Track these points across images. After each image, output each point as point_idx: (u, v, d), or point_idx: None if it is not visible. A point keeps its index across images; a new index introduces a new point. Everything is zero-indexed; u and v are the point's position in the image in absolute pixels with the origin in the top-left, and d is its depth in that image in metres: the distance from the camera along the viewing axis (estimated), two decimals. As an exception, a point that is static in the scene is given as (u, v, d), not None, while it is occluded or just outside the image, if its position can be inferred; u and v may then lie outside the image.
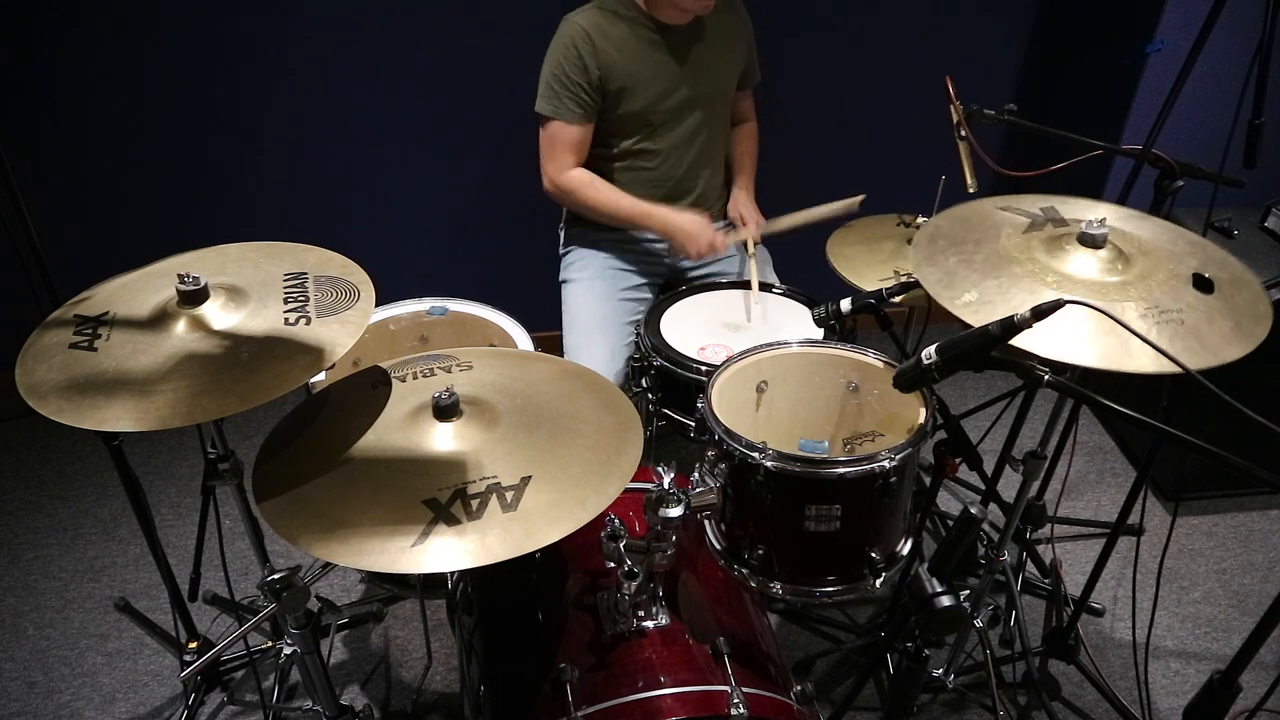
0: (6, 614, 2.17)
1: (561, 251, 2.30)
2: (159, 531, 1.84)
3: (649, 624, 1.34)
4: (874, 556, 1.36)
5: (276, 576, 1.19)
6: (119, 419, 1.09)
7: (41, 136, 2.50)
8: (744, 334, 1.90)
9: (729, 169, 2.32)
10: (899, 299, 1.61)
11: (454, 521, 1.06)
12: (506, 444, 1.19)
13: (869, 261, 2.02)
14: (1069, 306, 1.00)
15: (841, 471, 1.29)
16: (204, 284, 1.25)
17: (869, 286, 1.69)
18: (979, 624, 1.75)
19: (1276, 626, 0.98)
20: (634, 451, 1.20)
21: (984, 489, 2.02)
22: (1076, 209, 1.43)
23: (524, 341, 1.90)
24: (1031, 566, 2.28)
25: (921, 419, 1.36)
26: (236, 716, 1.94)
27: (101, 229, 2.66)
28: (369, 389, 1.32)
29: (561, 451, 1.18)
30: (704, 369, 1.74)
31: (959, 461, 1.36)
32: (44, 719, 1.93)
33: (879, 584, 1.38)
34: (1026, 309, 1.01)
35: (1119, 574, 2.29)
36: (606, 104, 2.02)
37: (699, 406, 1.42)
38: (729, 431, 1.34)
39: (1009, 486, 2.18)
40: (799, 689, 1.36)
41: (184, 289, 1.24)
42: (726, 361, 1.51)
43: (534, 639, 1.42)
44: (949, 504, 2.52)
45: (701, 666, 1.29)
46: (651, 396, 1.83)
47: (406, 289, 1.98)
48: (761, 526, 1.37)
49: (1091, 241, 1.29)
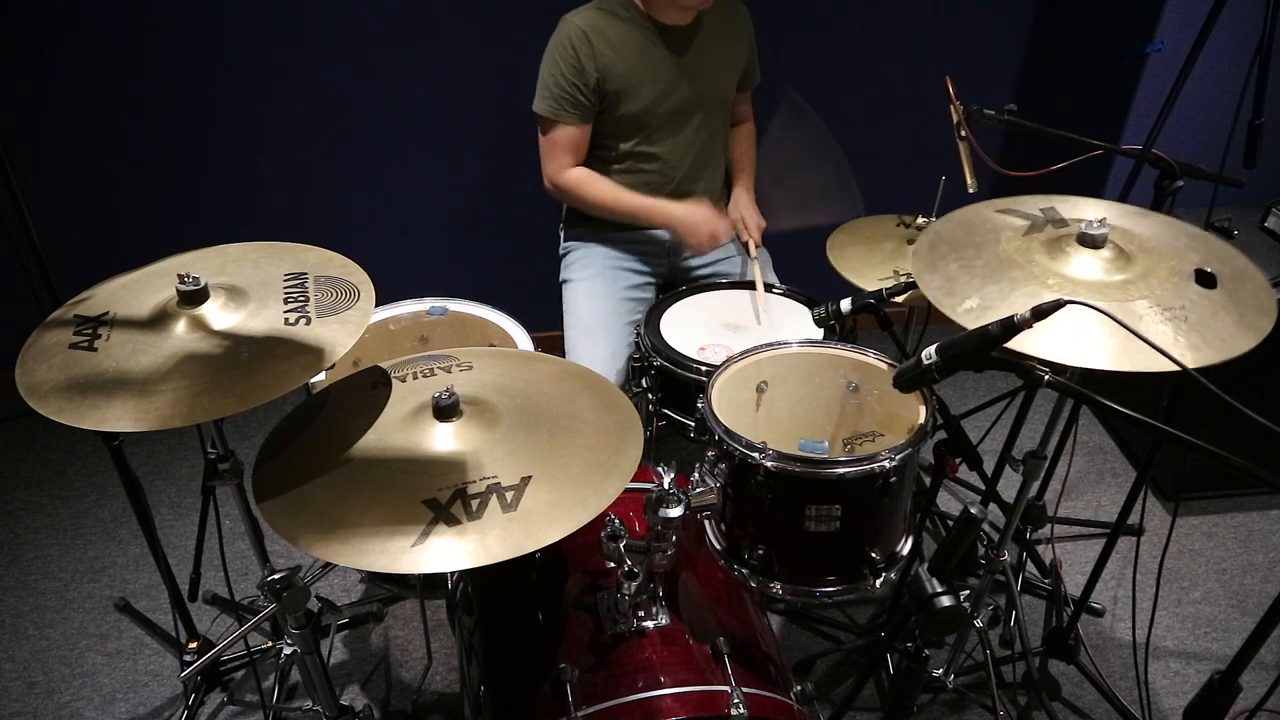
0: (6, 614, 2.17)
1: (562, 251, 2.30)
2: (159, 531, 1.84)
3: (649, 624, 1.34)
4: (874, 556, 1.36)
5: (276, 576, 1.19)
6: (119, 419, 1.09)
7: (41, 136, 2.50)
8: (744, 334, 1.90)
9: (729, 170, 2.32)
10: (899, 299, 1.61)
11: (454, 521, 1.06)
12: (506, 444, 1.19)
13: (869, 261, 2.02)
14: (1072, 308, 1.00)
15: (841, 471, 1.29)
16: (204, 284, 1.25)
17: (869, 286, 1.69)
18: (979, 624, 1.74)
19: (1276, 626, 0.98)
20: (634, 451, 1.20)
21: (984, 489, 2.02)
22: (1075, 208, 1.43)
23: (524, 341, 1.89)
24: (1031, 566, 2.27)
25: (921, 419, 1.36)
26: (236, 716, 1.94)
27: (101, 229, 2.66)
28: (369, 389, 1.31)
29: (561, 451, 1.18)
30: (704, 369, 1.73)
31: (959, 461, 1.35)
32: (44, 719, 1.93)
33: (879, 584, 1.38)
34: (1027, 310, 1.01)
35: (1119, 574, 2.29)
36: (605, 105, 2.02)
37: (699, 406, 1.42)
38: (729, 431, 1.34)
39: (1009, 486, 2.18)
40: (799, 689, 1.35)
41: (184, 289, 1.24)
42: (726, 361, 1.51)
43: (534, 639, 1.42)
44: (949, 504, 2.52)
45: (701, 666, 1.29)
46: (651, 396, 1.83)
47: (406, 289, 1.98)
48: (761, 526, 1.37)
49: (1091, 242, 1.29)
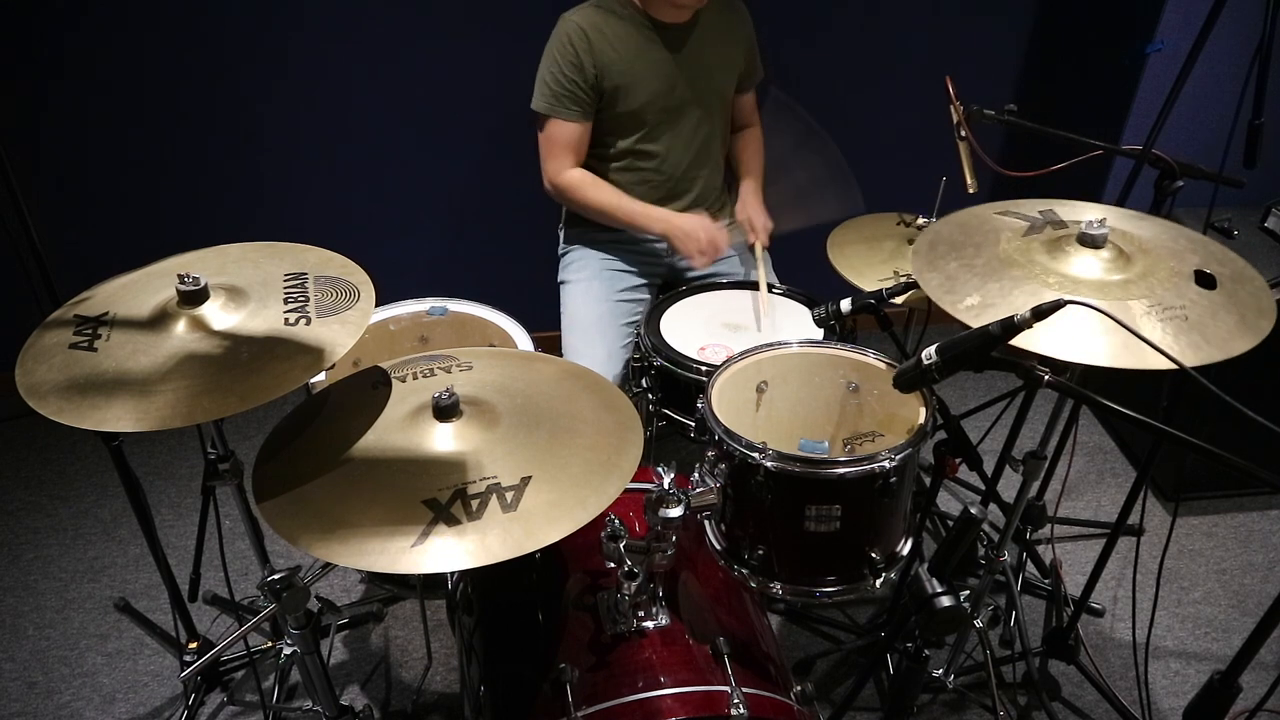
0: (6, 614, 2.17)
1: (560, 252, 2.30)
2: (159, 531, 1.84)
3: (649, 624, 1.34)
4: (874, 556, 1.36)
5: (276, 576, 1.19)
6: (119, 419, 1.09)
7: (41, 136, 2.50)
8: (744, 334, 1.90)
9: (729, 169, 2.32)
10: (899, 299, 1.61)
11: (454, 522, 1.06)
12: (506, 444, 1.19)
13: (869, 261, 2.02)
14: (1073, 308, 1.00)
15: (841, 472, 1.29)
16: (204, 284, 1.25)
17: (869, 286, 1.69)
18: (979, 624, 1.75)
19: (1276, 626, 0.98)
20: (634, 451, 1.20)
21: (984, 489, 2.02)
22: (1074, 211, 1.43)
23: (524, 341, 1.89)
24: (1031, 566, 2.28)
25: (921, 419, 1.36)
26: (236, 717, 1.94)
27: (101, 229, 2.66)
28: (369, 389, 1.31)
29: (561, 451, 1.18)
30: (704, 369, 1.73)
31: (959, 461, 1.35)
32: (44, 719, 1.93)
33: (879, 584, 1.38)
34: (1027, 309, 1.01)
35: (1119, 574, 2.29)
36: (603, 103, 2.02)
37: (699, 407, 1.42)
38: (729, 432, 1.34)
39: (1009, 486, 2.18)
40: (799, 689, 1.35)
41: (184, 289, 1.23)
42: (726, 362, 1.51)
43: (534, 639, 1.42)
44: (949, 504, 2.52)
45: (701, 667, 1.29)
46: (651, 397, 1.83)
47: (406, 289, 1.98)
48: (761, 526, 1.37)
49: (1091, 242, 1.29)
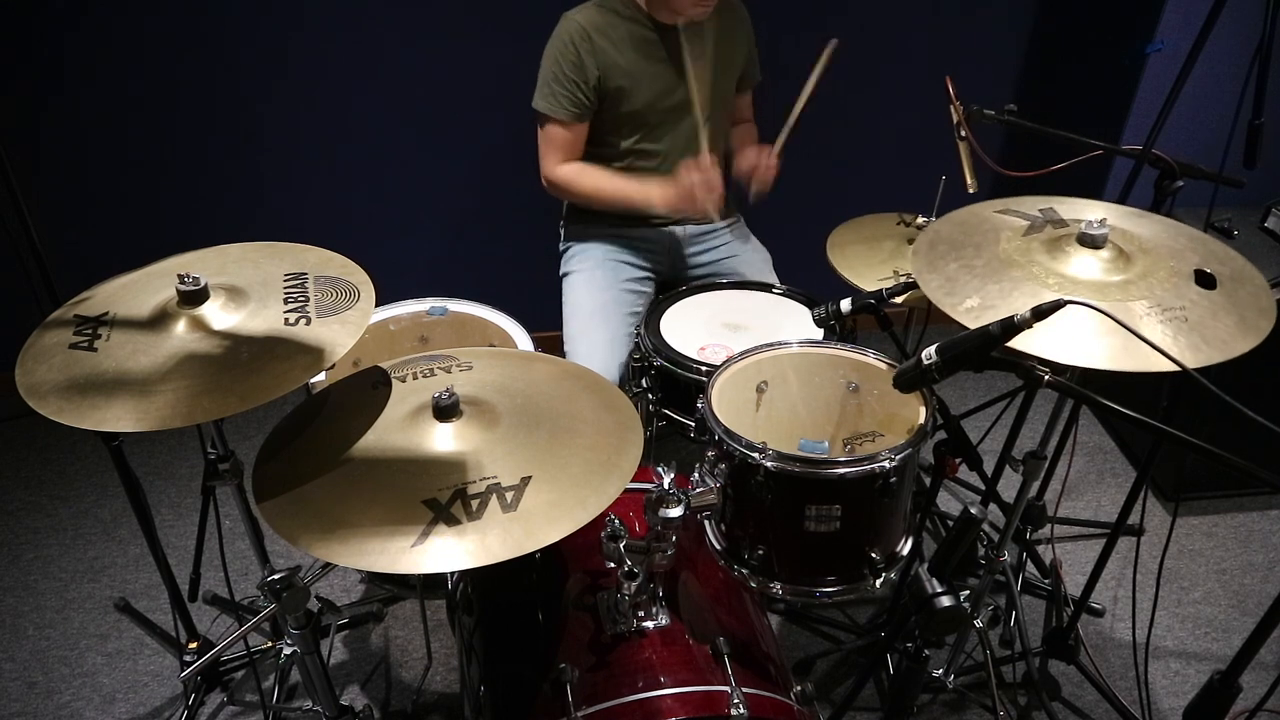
0: (6, 614, 2.17)
1: (562, 247, 2.30)
2: (159, 531, 1.84)
3: (649, 624, 1.34)
4: (874, 556, 1.36)
5: (276, 576, 1.19)
6: (119, 419, 1.09)
7: (41, 137, 2.50)
8: (744, 334, 1.90)
9: (729, 168, 2.31)
10: (899, 299, 1.61)
11: (454, 522, 1.06)
12: (506, 444, 1.19)
13: (869, 261, 2.02)
14: (1072, 308, 1.00)
15: (841, 472, 1.29)
16: (204, 284, 1.25)
17: (869, 286, 1.69)
18: (979, 624, 1.75)
19: (1276, 626, 0.97)
20: (634, 451, 1.20)
21: (984, 489, 2.02)
22: (1075, 209, 1.43)
23: (524, 341, 1.89)
24: (1031, 566, 2.27)
25: (921, 419, 1.36)
26: (236, 717, 1.94)
27: (101, 229, 2.66)
28: (369, 389, 1.31)
29: (561, 451, 1.18)
30: (704, 369, 1.73)
31: (959, 461, 1.35)
32: (44, 719, 1.93)
33: (879, 584, 1.38)
34: (1027, 310, 1.01)
35: (1119, 574, 2.29)
36: (605, 103, 2.02)
37: (699, 407, 1.42)
38: (729, 432, 1.34)
39: (1009, 486, 2.18)
40: (799, 689, 1.35)
41: (184, 289, 1.23)
42: (726, 361, 1.51)
43: (534, 639, 1.42)
44: (949, 504, 2.52)
45: (701, 667, 1.29)
46: (651, 397, 1.83)
47: (406, 289, 1.98)
48: (761, 527, 1.37)
49: (1091, 242, 1.29)
